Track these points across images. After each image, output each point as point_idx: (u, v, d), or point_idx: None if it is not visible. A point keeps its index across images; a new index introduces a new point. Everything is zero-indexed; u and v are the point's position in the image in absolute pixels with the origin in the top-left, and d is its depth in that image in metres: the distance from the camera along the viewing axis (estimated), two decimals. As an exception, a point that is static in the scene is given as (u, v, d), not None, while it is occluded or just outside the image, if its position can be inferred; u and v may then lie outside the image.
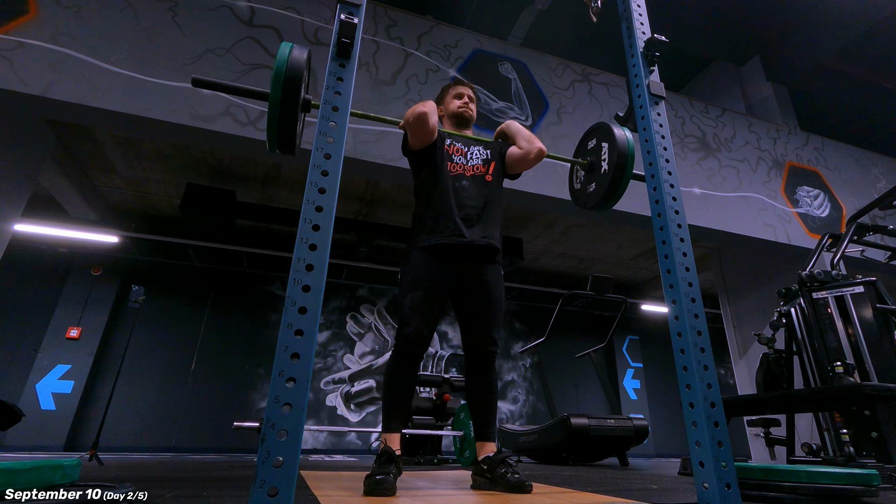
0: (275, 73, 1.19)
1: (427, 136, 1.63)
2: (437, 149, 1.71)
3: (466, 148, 1.77)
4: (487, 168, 1.75)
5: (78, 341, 5.61)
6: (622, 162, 1.61)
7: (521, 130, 1.80)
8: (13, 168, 3.30)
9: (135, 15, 3.24)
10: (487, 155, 1.78)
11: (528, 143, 1.75)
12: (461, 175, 1.69)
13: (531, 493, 1.42)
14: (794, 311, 3.05)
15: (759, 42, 6.16)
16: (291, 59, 1.21)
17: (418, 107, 1.60)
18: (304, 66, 1.24)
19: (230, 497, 1.25)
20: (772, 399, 2.62)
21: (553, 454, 3.86)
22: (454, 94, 1.87)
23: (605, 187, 1.67)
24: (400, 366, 1.54)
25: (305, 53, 1.26)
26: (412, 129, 1.61)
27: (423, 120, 1.58)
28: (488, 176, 1.73)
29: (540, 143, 1.74)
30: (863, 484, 1.31)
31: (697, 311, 1.19)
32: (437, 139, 1.71)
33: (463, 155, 1.74)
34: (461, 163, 1.72)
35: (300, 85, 1.21)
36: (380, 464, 1.41)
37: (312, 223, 0.92)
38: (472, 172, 1.71)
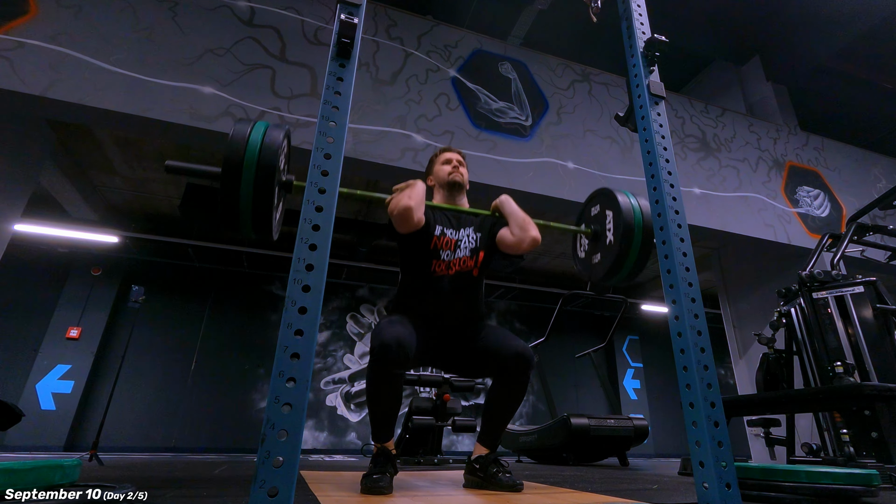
0: (247, 157, 1.13)
1: (412, 228, 1.53)
2: (423, 241, 1.63)
3: (456, 234, 1.68)
4: (475, 260, 1.66)
5: (78, 341, 5.61)
6: (628, 230, 1.52)
7: (516, 213, 1.69)
8: (13, 168, 3.30)
9: (135, 15, 3.24)
10: (477, 241, 1.69)
11: (520, 230, 1.63)
12: (444, 276, 1.61)
13: (531, 493, 1.42)
14: (794, 311, 3.05)
15: (759, 42, 6.16)
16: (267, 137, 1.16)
17: (403, 198, 1.50)
18: (282, 145, 1.18)
19: (230, 497, 1.25)
20: (772, 399, 2.62)
21: (553, 454, 3.86)
22: (442, 161, 1.82)
23: (610, 261, 1.57)
24: (378, 376, 1.38)
25: (283, 132, 1.21)
26: (395, 222, 1.52)
27: (407, 217, 1.49)
28: (475, 270, 1.65)
29: (534, 230, 1.63)
30: (863, 484, 1.31)
31: (697, 311, 1.19)
32: (427, 227, 1.61)
33: (451, 248, 1.64)
34: (447, 259, 1.62)
35: (276, 166, 1.16)
36: (376, 463, 1.42)
37: (312, 223, 0.92)
38: (458, 268, 1.62)
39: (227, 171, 1.15)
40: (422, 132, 3.68)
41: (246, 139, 1.16)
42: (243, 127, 1.19)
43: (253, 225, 1.22)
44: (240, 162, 1.14)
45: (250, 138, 1.16)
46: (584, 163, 4.17)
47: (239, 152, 1.14)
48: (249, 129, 1.18)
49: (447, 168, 1.79)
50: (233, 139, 1.15)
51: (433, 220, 1.67)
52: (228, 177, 1.15)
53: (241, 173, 1.14)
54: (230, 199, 1.16)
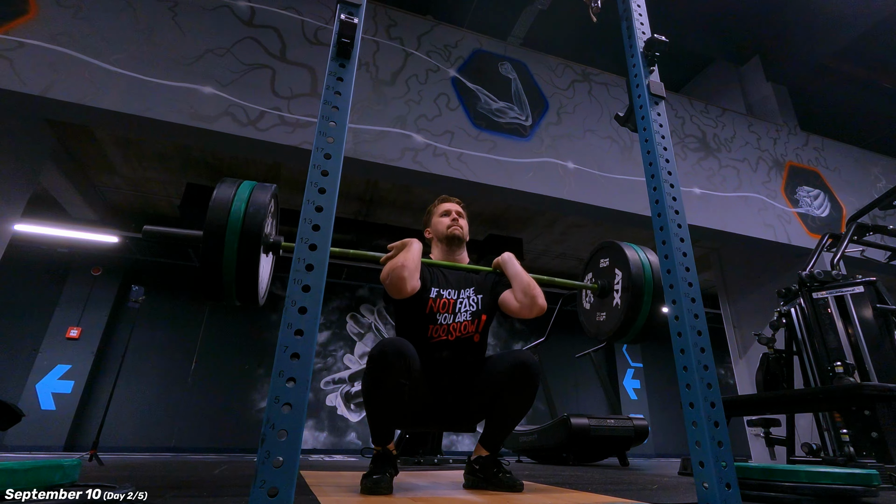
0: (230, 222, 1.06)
1: (405, 297, 1.46)
2: (418, 305, 1.54)
3: (456, 295, 1.59)
4: (476, 325, 1.57)
5: (78, 341, 5.61)
6: (637, 298, 1.44)
7: (520, 275, 1.57)
8: (13, 168, 3.30)
9: (135, 15, 3.24)
10: (478, 304, 1.59)
11: (524, 296, 1.52)
12: (444, 342, 1.52)
13: (531, 493, 1.42)
14: (794, 311, 3.05)
15: (759, 42, 6.16)
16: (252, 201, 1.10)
17: (397, 266, 1.42)
18: (268, 208, 1.12)
19: (230, 497, 1.25)
20: (772, 399, 2.62)
21: (553, 454, 3.86)
22: (441, 213, 1.73)
23: (617, 323, 1.52)
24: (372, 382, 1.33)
25: (269, 193, 1.15)
26: (388, 290, 1.45)
27: (401, 287, 1.41)
28: (476, 336, 1.57)
29: (540, 298, 1.52)
30: (863, 484, 1.31)
31: (697, 311, 1.19)
32: (423, 290, 1.53)
33: (450, 310, 1.56)
34: (446, 323, 1.54)
35: (261, 231, 1.11)
36: (376, 464, 1.42)
37: (312, 223, 0.92)
38: (458, 334, 1.54)
39: (208, 236, 1.07)
40: (422, 132, 3.68)
41: (230, 202, 1.09)
42: (227, 189, 1.11)
43: (237, 293, 1.15)
44: (223, 227, 1.07)
45: (234, 201, 1.10)
46: (584, 163, 4.17)
47: (222, 217, 1.07)
48: (234, 191, 1.11)
49: (446, 221, 1.70)
50: (215, 202, 1.08)
51: (429, 280, 1.58)
52: (210, 243, 1.07)
53: (224, 239, 1.07)
54: (212, 268, 1.08)
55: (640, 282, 1.47)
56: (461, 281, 1.63)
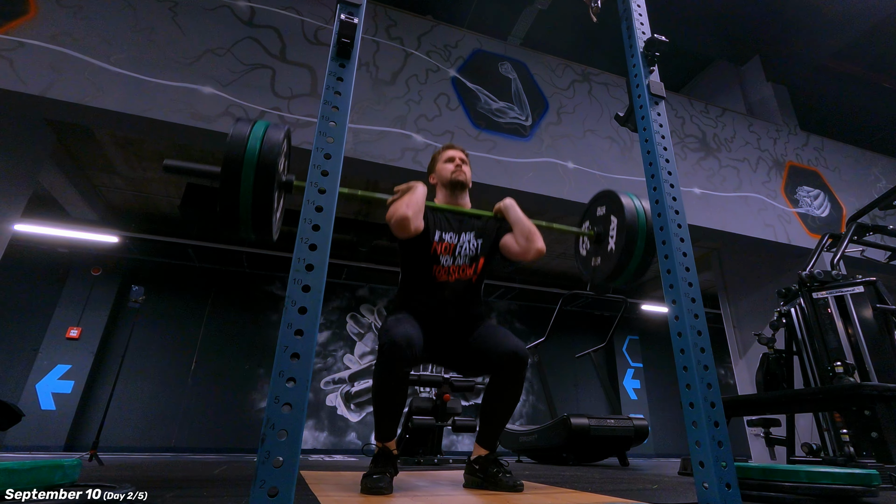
0: (246, 157, 1.12)
1: (409, 237, 1.52)
2: (423, 246, 1.62)
3: (456, 239, 1.66)
4: (475, 268, 1.66)
5: (78, 341, 5.60)
6: (630, 242, 1.51)
7: (521, 221, 1.67)
8: (13, 168, 3.30)
9: (135, 15, 3.24)
10: (477, 247, 1.67)
11: (525, 240, 1.62)
12: (445, 283, 1.61)
13: (531, 493, 1.42)
14: (794, 311, 3.05)
15: (759, 42, 6.16)
16: (267, 139, 1.15)
17: (401, 207, 1.49)
18: (282, 146, 1.17)
19: (230, 497, 1.25)
20: (772, 399, 2.62)
21: (553, 454, 3.86)
22: (445, 159, 1.79)
23: (610, 267, 1.58)
24: (384, 374, 1.38)
25: (283, 132, 1.20)
26: (393, 229, 1.50)
27: (404, 226, 1.47)
28: (474, 278, 1.65)
29: (539, 241, 1.61)
30: (863, 484, 1.31)
31: (697, 311, 1.19)
32: (426, 231, 1.60)
33: (451, 253, 1.63)
34: (447, 265, 1.62)
35: (276, 167, 1.16)
36: (376, 464, 1.43)
37: (312, 223, 0.92)
38: (457, 276, 1.62)
39: (226, 171, 1.13)
40: (422, 132, 3.68)
41: (246, 139, 1.15)
42: (243, 127, 1.17)
43: (253, 225, 1.21)
44: (239, 162, 1.13)
45: (250, 138, 1.15)
46: (584, 163, 4.17)
47: (239, 152, 1.13)
48: (249, 129, 1.17)
49: (450, 167, 1.76)
50: (232, 139, 1.14)
51: (433, 223, 1.65)
52: (228, 177, 1.14)
53: (241, 174, 1.13)
54: (230, 200, 1.15)
55: (633, 221, 1.53)
56: (462, 225, 1.70)
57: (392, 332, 1.37)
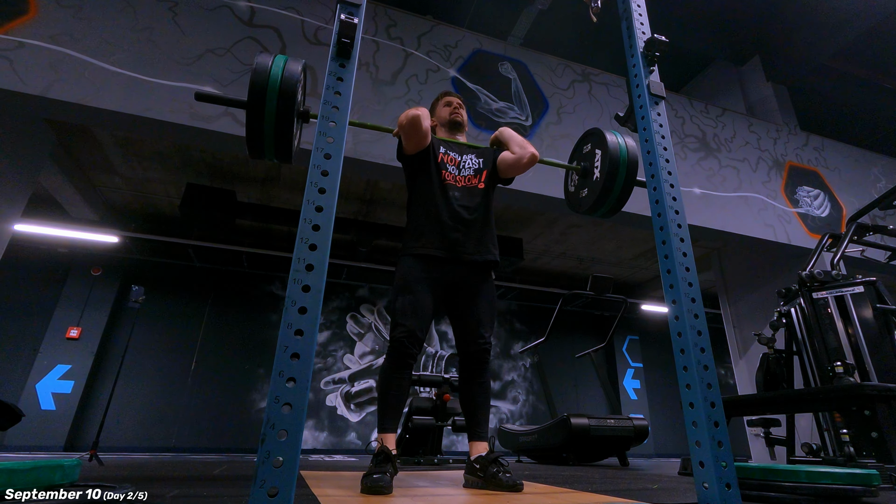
0: (270, 83, 1.22)
1: (421, 139, 1.67)
2: (430, 157, 1.75)
3: (459, 157, 1.81)
4: (479, 177, 1.79)
5: (78, 341, 5.60)
6: (613, 170, 1.61)
7: (514, 136, 1.83)
8: (13, 168, 3.30)
9: (135, 15, 3.24)
10: (479, 164, 1.82)
11: (520, 148, 1.77)
12: (453, 186, 1.73)
13: (531, 493, 1.42)
14: (794, 311, 3.05)
15: (759, 42, 6.16)
16: (287, 69, 1.24)
17: (411, 111, 1.63)
18: (300, 77, 1.27)
19: (230, 497, 1.25)
20: (772, 399, 2.62)
21: (553, 454, 3.86)
22: (444, 103, 1.94)
23: (596, 194, 1.68)
24: (393, 367, 1.55)
25: (300, 65, 1.29)
26: (406, 132, 1.64)
27: (416, 123, 1.61)
28: (480, 184, 1.77)
29: (532, 148, 1.77)
30: (863, 484, 1.31)
31: (697, 311, 1.19)
32: (431, 146, 1.75)
33: (456, 165, 1.78)
34: (454, 173, 1.76)
35: (295, 96, 1.25)
36: (376, 463, 1.43)
37: (312, 223, 0.92)
38: (464, 183, 1.75)
39: (252, 99, 1.24)
40: (422, 132, 3.67)
41: (268, 70, 1.24)
42: (265, 59, 1.26)
43: (276, 149, 1.32)
44: (263, 89, 1.22)
45: (272, 70, 1.24)
46: (584, 163, 4.16)
47: (262, 82, 1.22)
48: (271, 62, 1.26)
49: (448, 109, 1.91)
50: (256, 71, 1.24)
51: (437, 143, 1.80)
52: (254, 105, 1.24)
53: (265, 102, 1.23)
54: (255, 126, 1.26)
55: (616, 155, 1.62)
56: (463, 149, 1.85)
57: (399, 328, 1.54)
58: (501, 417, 7.34)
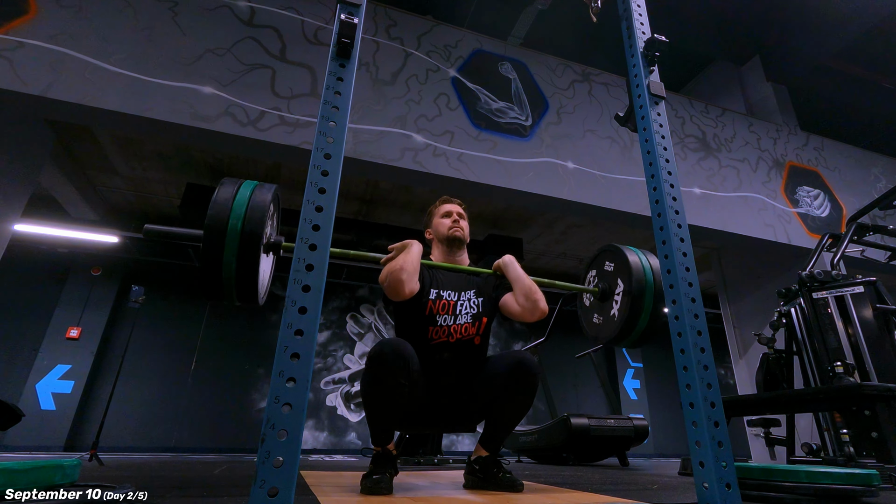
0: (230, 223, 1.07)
1: (403, 300, 1.45)
2: (417, 308, 1.53)
3: (456, 297, 1.58)
4: (477, 327, 1.56)
5: (78, 341, 5.60)
6: (636, 311, 1.45)
7: (521, 279, 1.57)
8: (13, 168, 3.30)
9: (135, 15, 3.24)
10: (479, 307, 1.58)
11: (526, 300, 1.52)
12: (444, 344, 1.51)
13: (531, 493, 1.42)
14: (794, 311, 3.05)
15: (759, 42, 6.16)
16: (253, 203, 1.10)
17: (395, 269, 1.41)
18: (268, 209, 1.13)
19: (230, 497, 1.25)
20: (772, 399, 2.62)
21: (553, 454, 3.86)
22: (442, 214, 1.72)
23: (613, 332, 1.53)
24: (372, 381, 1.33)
25: (270, 194, 1.15)
26: (387, 292, 1.44)
27: (398, 290, 1.41)
28: (476, 338, 1.56)
29: (542, 301, 1.52)
30: (863, 484, 1.31)
31: (697, 311, 1.19)
32: (422, 291, 1.53)
33: (450, 312, 1.55)
34: (447, 325, 1.53)
35: (261, 234, 1.11)
36: (376, 464, 1.42)
37: (312, 223, 0.92)
38: (459, 336, 1.53)
39: (209, 235, 1.07)
40: (422, 132, 3.68)
41: (231, 202, 1.09)
42: (228, 188, 1.12)
43: (237, 293, 1.16)
44: (223, 226, 1.07)
45: (235, 201, 1.10)
46: (584, 163, 4.17)
47: (223, 216, 1.07)
48: (235, 191, 1.11)
49: (447, 222, 1.68)
50: (216, 202, 1.08)
51: (429, 281, 1.57)
52: (210, 242, 1.07)
53: (225, 238, 1.08)
54: (212, 267, 1.09)
55: (641, 289, 1.47)
56: (462, 283, 1.62)
57: (381, 344, 1.33)
58: (501, 417, 7.33)
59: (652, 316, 1.48)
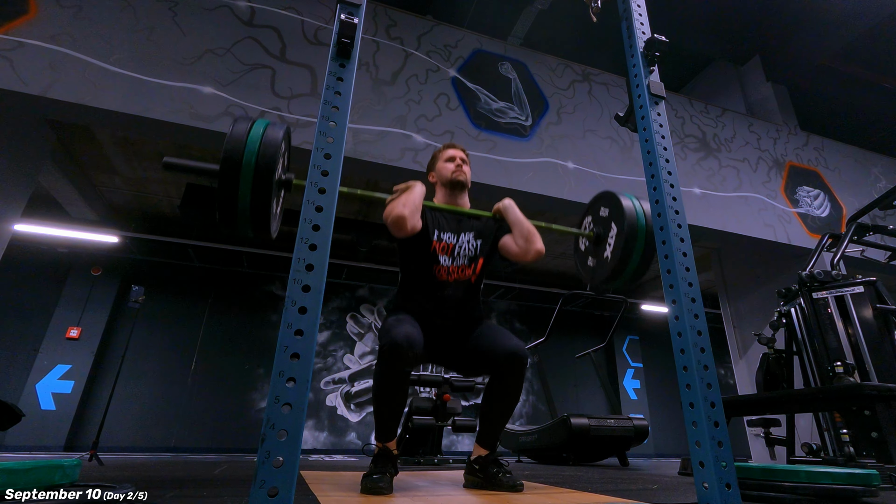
0: (245, 156, 1.12)
1: (406, 236, 1.52)
2: (422, 245, 1.62)
3: (455, 239, 1.66)
4: (474, 268, 1.66)
5: (78, 341, 5.60)
6: (629, 247, 1.50)
7: (520, 222, 1.66)
8: (13, 168, 3.30)
9: (135, 15, 3.24)
10: (476, 248, 1.67)
11: (524, 241, 1.61)
12: (445, 282, 1.61)
13: (531, 493, 1.42)
14: (794, 311, 3.05)
15: (759, 42, 6.16)
16: (266, 139, 1.15)
17: (397, 206, 1.48)
18: (280, 145, 1.17)
19: (230, 497, 1.25)
20: (772, 399, 2.62)
21: (553, 454, 3.86)
22: (445, 158, 1.79)
23: (612, 266, 1.57)
24: (386, 371, 1.39)
25: (282, 131, 1.20)
26: (389, 228, 1.50)
27: (400, 225, 1.47)
28: (473, 278, 1.65)
29: (539, 242, 1.61)
30: (863, 484, 1.31)
31: (697, 311, 1.19)
32: (425, 230, 1.61)
33: (449, 253, 1.63)
34: (446, 265, 1.62)
35: (274, 167, 1.15)
36: (376, 464, 1.43)
37: (312, 223, 0.92)
38: (456, 276, 1.62)
39: (225, 169, 1.13)
40: (422, 132, 3.68)
41: (245, 138, 1.14)
42: (242, 125, 1.17)
43: (251, 224, 1.21)
44: (238, 161, 1.12)
45: (249, 137, 1.15)
46: (584, 163, 4.17)
47: (238, 151, 1.13)
48: (248, 128, 1.16)
49: (450, 166, 1.75)
50: (231, 137, 1.14)
51: (431, 223, 1.65)
52: (227, 175, 1.13)
53: (240, 172, 1.13)
54: (228, 198, 1.15)
55: (633, 223, 1.52)
56: (462, 225, 1.70)
57: (392, 333, 1.35)
58: (501, 417, 7.33)
59: (643, 257, 1.53)
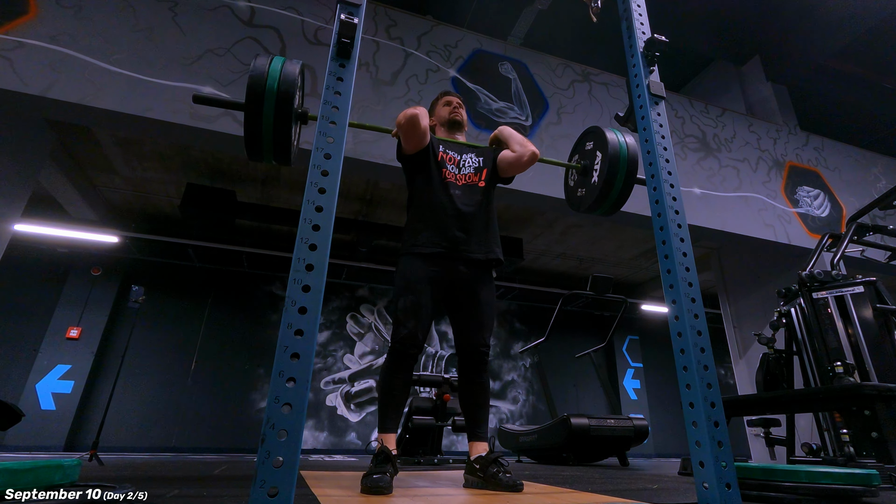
0: (267, 85, 1.23)
1: (420, 138, 1.66)
2: (430, 156, 1.74)
3: (459, 156, 1.80)
4: (480, 175, 1.79)
5: (78, 341, 5.60)
6: (613, 169, 1.62)
7: (514, 134, 1.83)
8: (13, 168, 3.30)
9: (135, 15, 3.24)
10: (479, 162, 1.82)
11: (520, 146, 1.77)
12: (454, 184, 1.72)
13: (531, 493, 1.42)
14: (794, 311, 3.05)
15: (759, 42, 6.16)
16: (285, 71, 1.25)
17: (409, 111, 1.62)
18: (297, 78, 1.28)
19: (230, 497, 1.25)
20: (772, 399, 2.62)
21: (553, 454, 3.86)
22: (443, 103, 1.94)
23: (595, 193, 1.69)
24: (394, 367, 1.56)
25: (298, 66, 1.30)
26: (404, 131, 1.63)
27: (415, 122, 1.61)
28: (481, 182, 1.77)
29: (533, 146, 1.76)
30: (863, 484, 1.31)
31: (697, 311, 1.19)
32: (431, 146, 1.74)
33: (455, 164, 1.77)
34: (454, 172, 1.75)
35: (293, 98, 1.25)
36: (376, 463, 1.43)
37: (312, 223, 0.92)
38: (465, 181, 1.75)
39: (250, 101, 1.24)
40: (422, 132, 3.67)
41: (266, 72, 1.24)
42: (262, 60, 1.27)
43: (274, 151, 1.33)
44: (262, 91, 1.23)
45: (269, 71, 1.24)
46: (584, 163, 4.16)
47: (260, 82, 1.23)
48: (268, 63, 1.26)
49: (448, 108, 1.91)
50: (254, 72, 1.25)
51: (435, 143, 1.79)
52: (252, 107, 1.25)
53: (263, 100, 1.23)
54: (254, 127, 1.27)
55: (616, 159, 1.63)
56: (462, 149, 1.85)
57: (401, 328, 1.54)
58: (501, 417, 7.34)
59: (625, 183, 1.65)
